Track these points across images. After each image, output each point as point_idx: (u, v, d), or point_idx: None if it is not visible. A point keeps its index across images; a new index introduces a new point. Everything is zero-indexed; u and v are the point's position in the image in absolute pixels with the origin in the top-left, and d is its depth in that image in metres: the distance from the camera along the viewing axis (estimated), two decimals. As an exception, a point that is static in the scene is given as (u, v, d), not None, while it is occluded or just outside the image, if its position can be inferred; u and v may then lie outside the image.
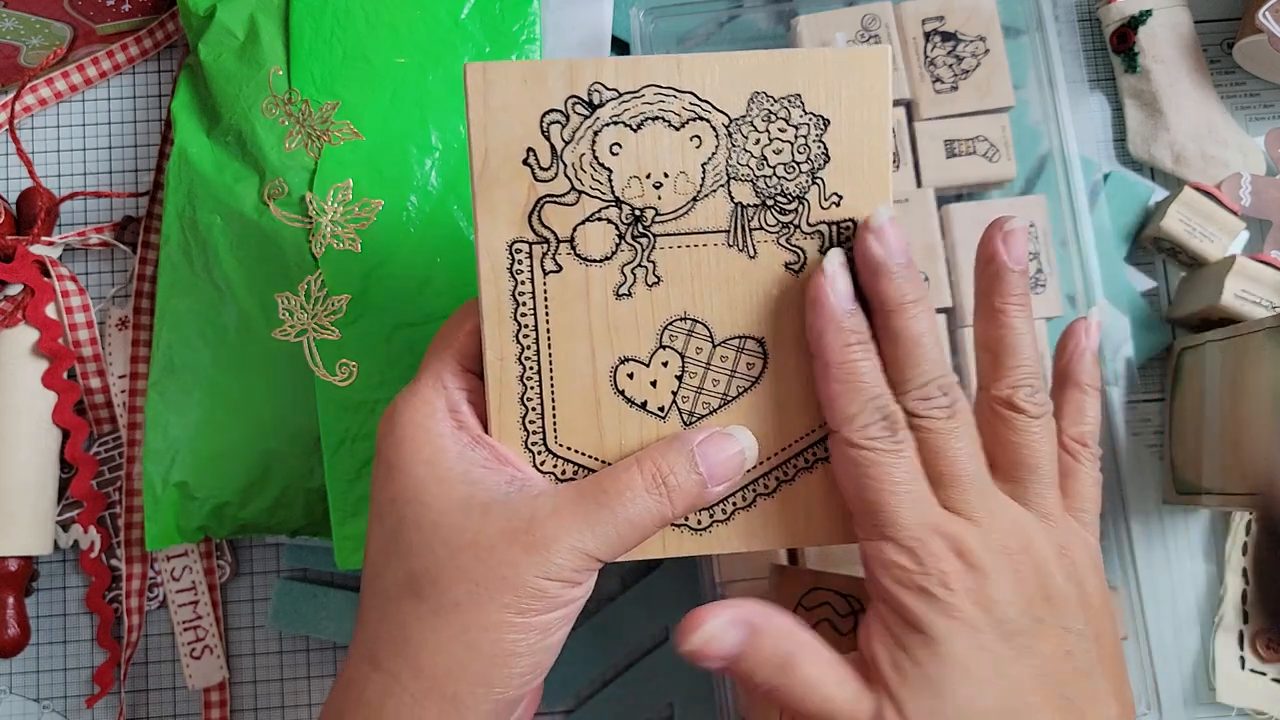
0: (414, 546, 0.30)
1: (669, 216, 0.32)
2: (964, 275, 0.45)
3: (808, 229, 0.32)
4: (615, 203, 0.31)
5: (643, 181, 0.31)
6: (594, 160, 0.31)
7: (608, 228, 0.32)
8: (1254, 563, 0.47)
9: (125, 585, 0.46)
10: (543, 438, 0.33)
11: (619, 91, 0.31)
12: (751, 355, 0.33)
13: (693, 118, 0.31)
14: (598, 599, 0.48)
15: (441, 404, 0.32)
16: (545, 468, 0.33)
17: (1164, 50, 0.50)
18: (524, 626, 0.30)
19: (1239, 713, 0.48)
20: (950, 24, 0.47)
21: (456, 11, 0.45)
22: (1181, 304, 0.49)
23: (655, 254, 0.32)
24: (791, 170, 0.32)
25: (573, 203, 0.31)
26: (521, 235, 0.31)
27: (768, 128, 0.31)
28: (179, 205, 0.45)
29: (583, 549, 0.30)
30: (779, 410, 0.33)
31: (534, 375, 0.32)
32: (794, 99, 0.31)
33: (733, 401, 0.33)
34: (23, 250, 0.47)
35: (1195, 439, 0.46)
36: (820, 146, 0.32)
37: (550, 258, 0.32)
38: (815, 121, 0.32)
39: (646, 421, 0.33)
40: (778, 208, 0.32)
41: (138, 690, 0.48)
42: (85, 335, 0.48)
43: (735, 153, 0.32)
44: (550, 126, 0.31)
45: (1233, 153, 0.50)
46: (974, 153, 0.46)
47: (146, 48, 0.51)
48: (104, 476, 0.48)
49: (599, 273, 0.32)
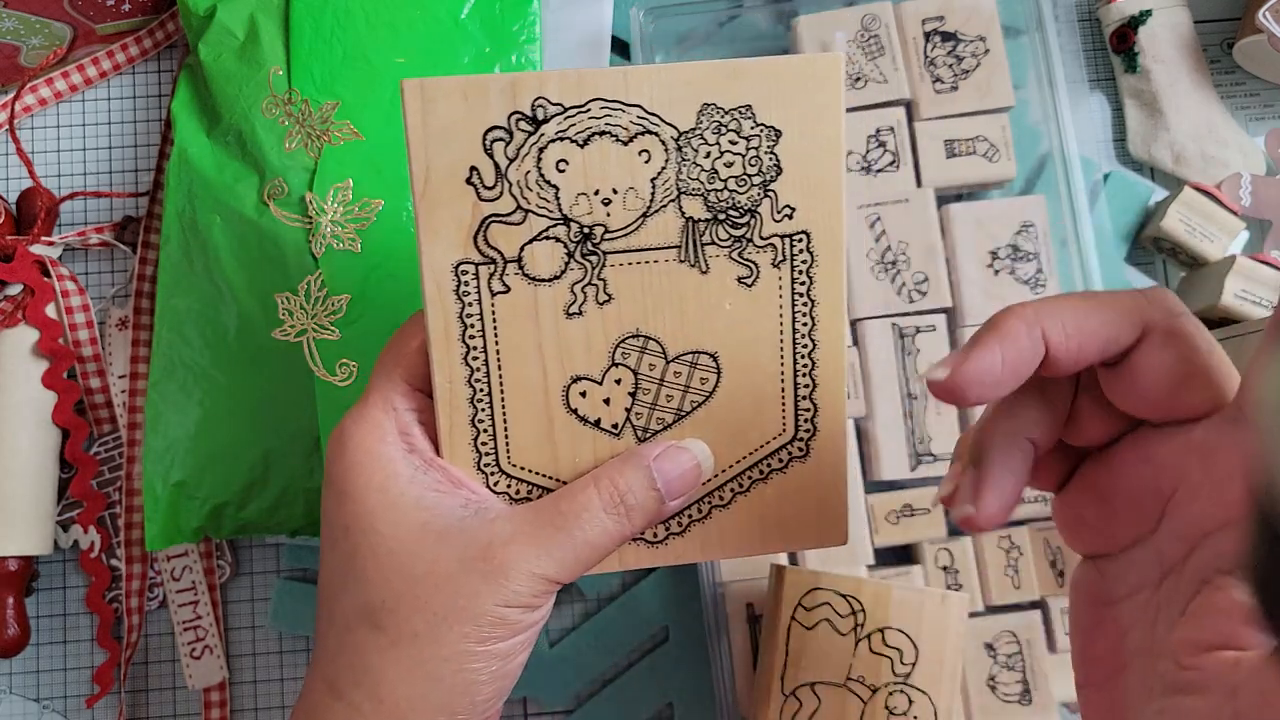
0: (370, 576, 0.30)
1: (619, 233, 0.31)
2: (964, 275, 0.45)
3: (760, 242, 0.32)
4: (563, 221, 0.31)
5: (591, 198, 0.30)
6: (540, 178, 0.30)
7: (556, 246, 0.31)
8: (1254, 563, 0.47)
9: (125, 585, 0.46)
10: (495, 458, 0.32)
11: (564, 106, 0.30)
12: (705, 370, 0.32)
13: (641, 131, 0.30)
14: (598, 599, 0.48)
15: (391, 426, 0.31)
16: (499, 488, 0.32)
17: (1164, 50, 0.50)
18: (485, 655, 0.30)
19: (1239, 713, 0.47)
20: (950, 24, 0.47)
21: (456, 11, 0.45)
22: (1181, 304, 0.49)
23: (605, 272, 0.31)
24: (743, 183, 0.31)
25: (519, 222, 0.30)
26: (467, 256, 0.30)
27: (718, 140, 0.31)
28: (179, 205, 0.45)
29: (541, 574, 0.30)
30: (733, 423, 0.33)
31: (485, 396, 0.32)
32: (744, 110, 0.30)
33: (687, 416, 0.33)
34: (23, 250, 0.47)
35: (1195, 439, 0.46)
36: (772, 158, 0.31)
37: (498, 278, 0.31)
38: (767, 133, 0.31)
39: (600, 439, 0.32)
40: (730, 221, 0.31)
41: (138, 690, 0.48)
42: (85, 335, 0.48)
43: (685, 167, 0.31)
44: (494, 144, 0.30)
45: (1233, 153, 0.50)
46: (974, 153, 0.46)
47: (146, 48, 0.51)
48: (104, 476, 0.48)
49: (548, 292, 0.31)
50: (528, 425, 0.32)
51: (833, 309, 0.32)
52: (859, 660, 0.39)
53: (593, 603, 0.48)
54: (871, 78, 0.46)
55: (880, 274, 0.45)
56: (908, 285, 0.45)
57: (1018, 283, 0.46)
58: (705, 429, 0.33)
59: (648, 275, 0.31)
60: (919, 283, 0.45)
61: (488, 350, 0.31)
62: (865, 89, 0.46)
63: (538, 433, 0.32)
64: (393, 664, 0.29)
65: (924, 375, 0.33)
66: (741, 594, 0.44)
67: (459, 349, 0.31)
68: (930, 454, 0.45)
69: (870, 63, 0.46)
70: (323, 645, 0.31)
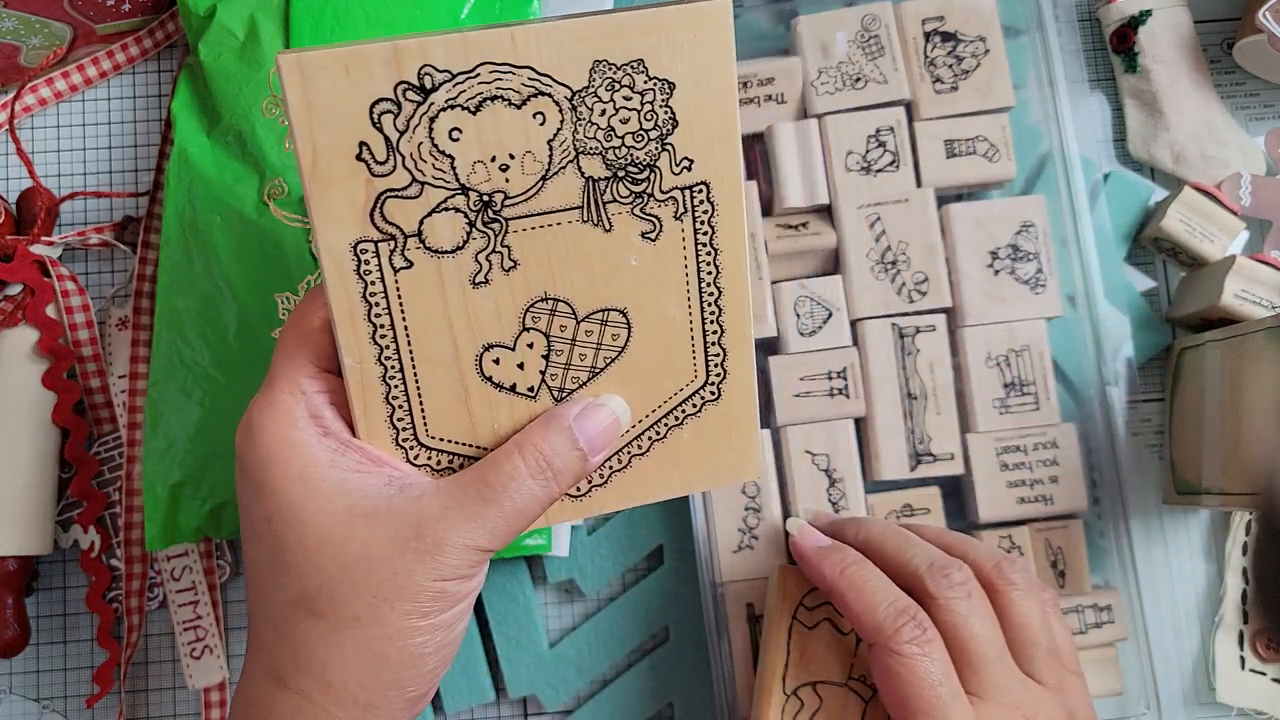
0: (301, 565, 0.30)
1: (519, 198, 0.30)
2: (964, 275, 0.45)
3: (661, 196, 0.31)
4: (461, 190, 0.30)
5: (488, 165, 0.30)
6: (433, 148, 0.29)
7: (456, 217, 0.30)
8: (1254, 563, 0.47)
9: (125, 585, 0.46)
10: (413, 432, 0.32)
11: (452, 73, 0.29)
12: (615, 326, 0.33)
13: (534, 94, 0.29)
14: (598, 599, 0.48)
15: (302, 410, 0.31)
16: (419, 461, 0.32)
17: (1164, 50, 0.50)
18: (428, 628, 0.30)
19: (1239, 713, 0.48)
20: (950, 24, 0.47)
21: (456, 11, 0.45)
22: (1181, 304, 0.49)
23: (509, 238, 0.31)
24: (640, 139, 0.31)
25: (416, 195, 0.30)
26: (365, 234, 0.30)
27: (612, 97, 0.30)
28: (179, 205, 0.45)
29: (474, 545, 0.30)
30: (647, 374, 0.33)
31: (396, 373, 0.31)
32: (637, 64, 0.30)
33: (601, 373, 0.33)
34: (23, 250, 0.47)
35: (1195, 439, 0.46)
36: (667, 111, 0.31)
37: (399, 254, 0.30)
38: (660, 86, 0.30)
39: (517, 403, 0.32)
40: (629, 178, 0.31)
41: (138, 690, 0.48)
42: (85, 335, 0.48)
43: (581, 126, 0.30)
44: (381, 117, 0.29)
45: (1233, 153, 0.50)
46: (974, 153, 0.46)
47: (146, 48, 0.51)
48: (104, 476, 0.48)
49: (452, 263, 0.31)
50: (443, 396, 0.32)
51: (735, 254, 0.33)
52: (860, 660, 0.39)
53: (593, 603, 0.48)
54: (871, 78, 0.46)
55: (880, 274, 0.45)
56: (908, 285, 0.45)
57: (1018, 283, 0.46)
58: (620, 383, 0.33)
59: (552, 238, 0.31)
60: (919, 283, 0.45)
61: (395, 327, 0.31)
62: (865, 89, 0.46)
63: (454, 403, 0.32)
64: (336, 648, 0.30)
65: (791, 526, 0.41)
66: (742, 594, 0.44)
67: (365, 328, 0.31)
68: (930, 454, 0.45)
69: (870, 63, 0.46)
70: (259, 638, 0.31)
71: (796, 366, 0.45)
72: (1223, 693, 0.47)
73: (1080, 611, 0.44)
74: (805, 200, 0.46)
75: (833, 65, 0.46)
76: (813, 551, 0.38)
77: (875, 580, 0.36)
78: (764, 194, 0.47)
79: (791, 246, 0.46)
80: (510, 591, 0.47)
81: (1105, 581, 0.46)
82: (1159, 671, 0.44)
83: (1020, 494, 0.45)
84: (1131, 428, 0.48)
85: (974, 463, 0.45)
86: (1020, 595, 0.37)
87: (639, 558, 0.48)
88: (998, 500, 0.45)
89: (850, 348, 0.45)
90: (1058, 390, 0.46)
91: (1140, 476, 0.47)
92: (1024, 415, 0.45)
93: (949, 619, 0.35)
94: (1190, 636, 0.48)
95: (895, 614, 0.35)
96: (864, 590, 0.36)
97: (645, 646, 0.48)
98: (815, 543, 0.39)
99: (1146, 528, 0.47)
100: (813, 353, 0.45)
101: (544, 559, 0.48)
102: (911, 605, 0.35)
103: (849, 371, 0.45)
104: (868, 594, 0.36)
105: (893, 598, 0.35)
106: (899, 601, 0.35)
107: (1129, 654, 0.44)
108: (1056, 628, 0.37)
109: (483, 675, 0.47)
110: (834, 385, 0.45)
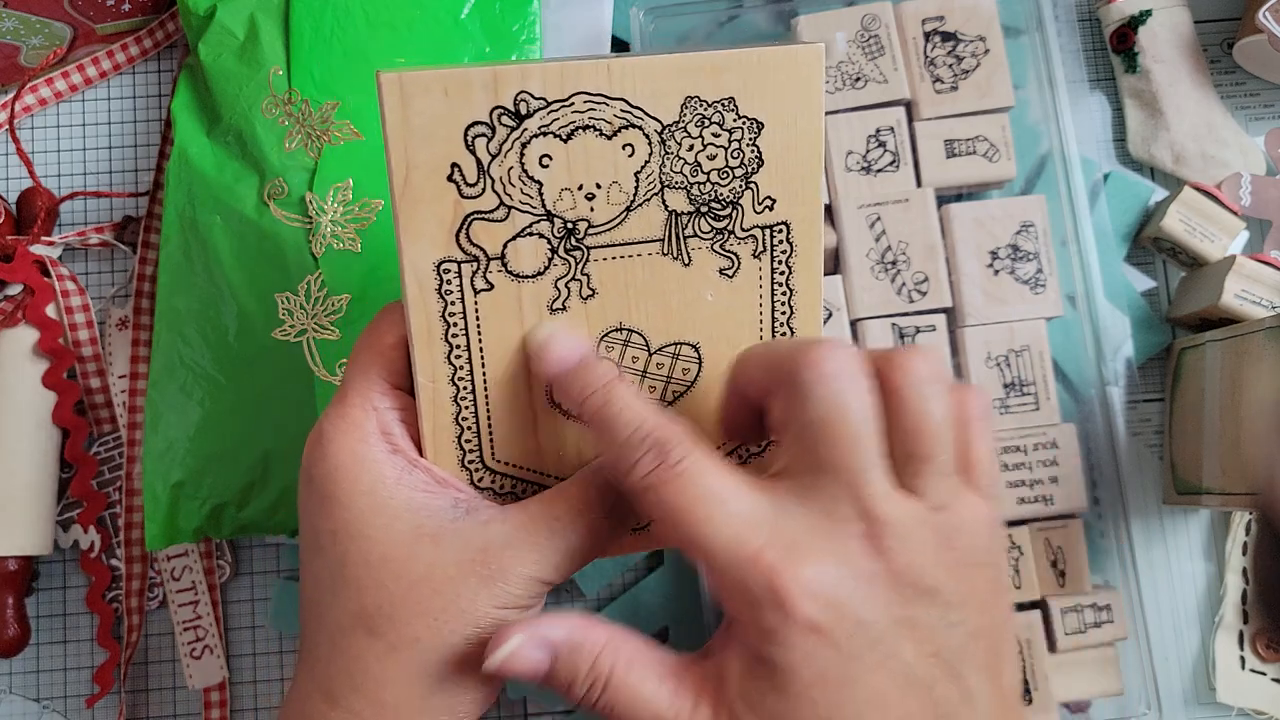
0: (363, 582, 0.30)
1: (602, 228, 0.31)
2: (964, 275, 0.45)
3: (741, 234, 0.31)
4: (547, 216, 0.30)
5: (574, 193, 0.30)
6: (523, 173, 0.30)
7: (540, 242, 0.30)
8: (1254, 563, 0.47)
9: (125, 585, 0.46)
10: (479, 455, 0.32)
11: (547, 100, 0.29)
12: (687, 360, 0.32)
13: (624, 125, 0.30)
14: (598, 599, 0.48)
15: (373, 427, 0.31)
16: (484, 484, 0.32)
17: (1164, 50, 0.50)
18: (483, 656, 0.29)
19: (1239, 713, 0.48)
20: (950, 24, 0.47)
21: (456, 11, 0.45)
22: (1181, 304, 0.49)
23: (589, 266, 0.31)
24: (725, 176, 0.31)
25: (502, 218, 0.30)
26: (449, 255, 0.30)
27: (701, 133, 0.30)
28: (179, 205, 0.45)
29: (538, 578, 0.30)
30: (715, 411, 0.33)
31: (468, 395, 0.31)
32: (728, 102, 0.30)
33: (670, 406, 0.33)
34: (23, 250, 0.47)
35: (1195, 439, 0.46)
36: (754, 150, 0.31)
37: (481, 276, 0.30)
38: (749, 125, 0.30)
39: (585, 432, 0.32)
40: (712, 214, 0.31)
41: (138, 690, 0.48)
42: (85, 335, 0.48)
43: (669, 160, 0.30)
44: (475, 140, 0.29)
45: (1233, 153, 0.50)
46: (974, 153, 0.46)
47: (146, 48, 0.51)
48: (104, 476, 0.48)
49: (531, 288, 0.31)
50: (512, 421, 0.32)
51: (811, 297, 0.33)
52: None
53: (593, 603, 0.48)
54: (872, 78, 0.46)
55: (880, 274, 0.45)
56: (908, 285, 0.45)
57: (1018, 283, 0.46)
58: (687, 417, 0.32)
59: (630, 269, 0.31)
60: (919, 283, 0.45)
61: (470, 348, 0.31)
62: (865, 89, 0.46)
63: (521, 428, 0.32)
64: (393, 668, 0.29)
65: None
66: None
67: (442, 348, 0.31)
68: (930, 454, 0.45)
69: (870, 63, 0.46)
70: (312, 652, 0.31)
71: (796, 366, 0.45)
72: (1223, 693, 0.47)
73: (1080, 611, 0.44)
74: (805, 200, 0.46)
75: (833, 65, 0.46)
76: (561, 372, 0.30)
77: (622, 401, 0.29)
78: (764, 194, 0.47)
79: (791, 246, 0.46)
80: (510, 591, 0.47)
81: (1105, 581, 0.46)
82: (1159, 671, 0.44)
83: (1020, 494, 0.45)
84: (1131, 428, 0.48)
85: (974, 463, 0.45)
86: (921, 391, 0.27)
87: (639, 558, 0.48)
88: (998, 500, 0.45)
89: (850, 348, 0.45)
90: (1058, 390, 0.46)
91: (1140, 476, 0.47)
92: (1024, 415, 0.45)
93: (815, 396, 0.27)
94: (1190, 636, 0.48)
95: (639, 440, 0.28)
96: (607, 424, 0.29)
97: (645, 646, 0.48)
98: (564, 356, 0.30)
99: (1146, 528, 0.47)
100: (813, 353, 0.45)
101: (544, 559, 0.48)
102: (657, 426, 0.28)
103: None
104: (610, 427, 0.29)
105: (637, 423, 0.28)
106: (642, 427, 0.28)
107: (1129, 654, 0.44)
108: (975, 440, 0.28)
109: (483, 675, 0.47)
110: (834, 385, 0.45)
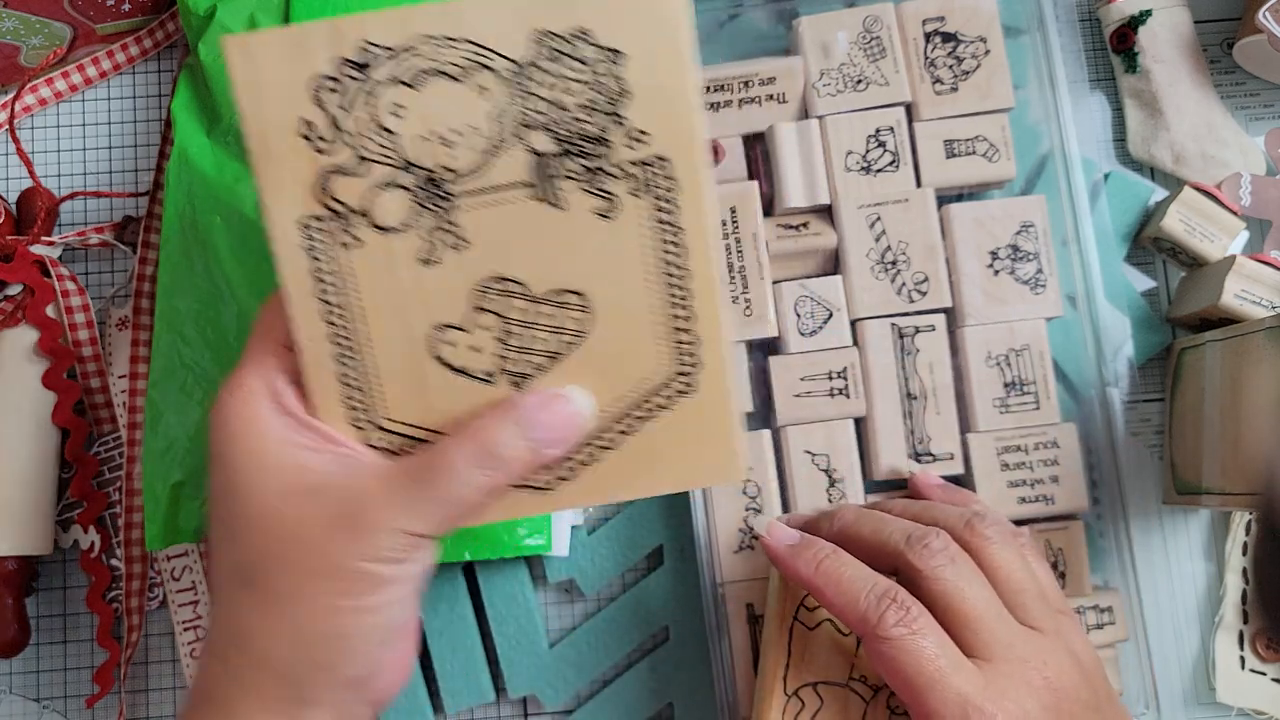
0: (240, 537, 0.31)
1: (466, 175, 0.30)
2: (964, 275, 0.45)
3: (616, 171, 0.30)
4: (406, 167, 0.30)
5: (432, 141, 0.29)
6: (376, 125, 0.29)
7: (402, 194, 0.30)
8: (1254, 563, 0.47)
9: (125, 585, 0.46)
10: (370, 414, 0.32)
11: (391, 48, 0.29)
12: (575, 309, 0.31)
13: (475, 67, 0.29)
14: (598, 599, 0.48)
15: (262, 389, 0.31)
16: (379, 444, 0.32)
17: (1164, 50, 0.50)
18: (352, 609, 0.30)
19: (1239, 713, 0.48)
20: (951, 25, 0.47)
21: (456, 11, 0.45)
22: (1181, 304, 0.49)
23: (457, 216, 0.30)
24: (589, 111, 0.30)
25: (361, 172, 0.30)
26: (312, 211, 0.30)
27: (558, 68, 0.29)
28: (179, 205, 0.45)
29: (407, 529, 0.30)
30: (611, 362, 0.32)
31: (350, 352, 0.31)
32: (582, 33, 0.29)
33: (562, 358, 0.32)
34: (23, 250, 0.47)
35: (1195, 439, 0.46)
36: (617, 82, 0.29)
37: (346, 231, 0.30)
38: (608, 56, 0.29)
39: (475, 388, 0.32)
40: (580, 152, 0.30)
41: (138, 690, 0.48)
42: (85, 335, 0.48)
43: (527, 99, 0.29)
44: (323, 94, 0.29)
45: (1233, 153, 0.50)
46: (974, 153, 0.46)
47: (146, 48, 0.51)
48: (104, 476, 0.48)
49: (400, 242, 0.30)
50: (403, 380, 0.31)
51: (701, 234, 0.31)
52: (861, 660, 0.39)
53: (593, 603, 0.48)
54: (873, 80, 0.46)
55: (880, 274, 0.45)
56: (907, 285, 0.45)
57: (1018, 283, 0.46)
58: (583, 370, 0.32)
59: (502, 216, 0.30)
60: (919, 283, 0.45)
61: (349, 307, 0.31)
62: (867, 91, 0.46)
63: (410, 386, 0.31)
64: (264, 620, 0.30)
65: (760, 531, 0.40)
66: (742, 594, 0.44)
67: (317, 306, 0.30)
68: (930, 454, 0.45)
69: (872, 65, 0.46)
70: (211, 611, 0.32)
71: (797, 366, 0.45)
72: (1223, 693, 0.47)
73: (1080, 612, 0.44)
74: (806, 200, 0.46)
75: (834, 67, 0.46)
76: (783, 551, 0.37)
77: (850, 570, 0.36)
78: (765, 194, 0.47)
79: (792, 247, 0.46)
80: (510, 591, 0.47)
81: (1105, 582, 0.46)
82: (1159, 672, 0.44)
83: (1020, 494, 0.45)
84: (1131, 428, 0.48)
85: (974, 462, 0.45)
86: (998, 548, 0.36)
87: (639, 558, 0.48)
88: (998, 500, 0.45)
89: (850, 348, 0.45)
90: (1058, 390, 0.46)
91: (1140, 476, 0.47)
92: (1024, 415, 0.45)
93: (939, 588, 0.35)
94: (1190, 636, 0.48)
95: (876, 600, 0.34)
96: (841, 583, 0.35)
97: (645, 646, 0.48)
98: (784, 540, 0.38)
99: (1146, 528, 0.47)
100: (813, 353, 0.45)
101: (544, 559, 0.48)
102: (891, 586, 0.35)
103: (849, 371, 0.45)
104: (845, 586, 0.35)
105: (870, 584, 0.35)
106: (877, 586, 0.35)
107: (1129, 654, 0.45)
108: (1039, 570, 0.37)
109: (483, 675, 0.47)
110: (834, 385, 0.45)
